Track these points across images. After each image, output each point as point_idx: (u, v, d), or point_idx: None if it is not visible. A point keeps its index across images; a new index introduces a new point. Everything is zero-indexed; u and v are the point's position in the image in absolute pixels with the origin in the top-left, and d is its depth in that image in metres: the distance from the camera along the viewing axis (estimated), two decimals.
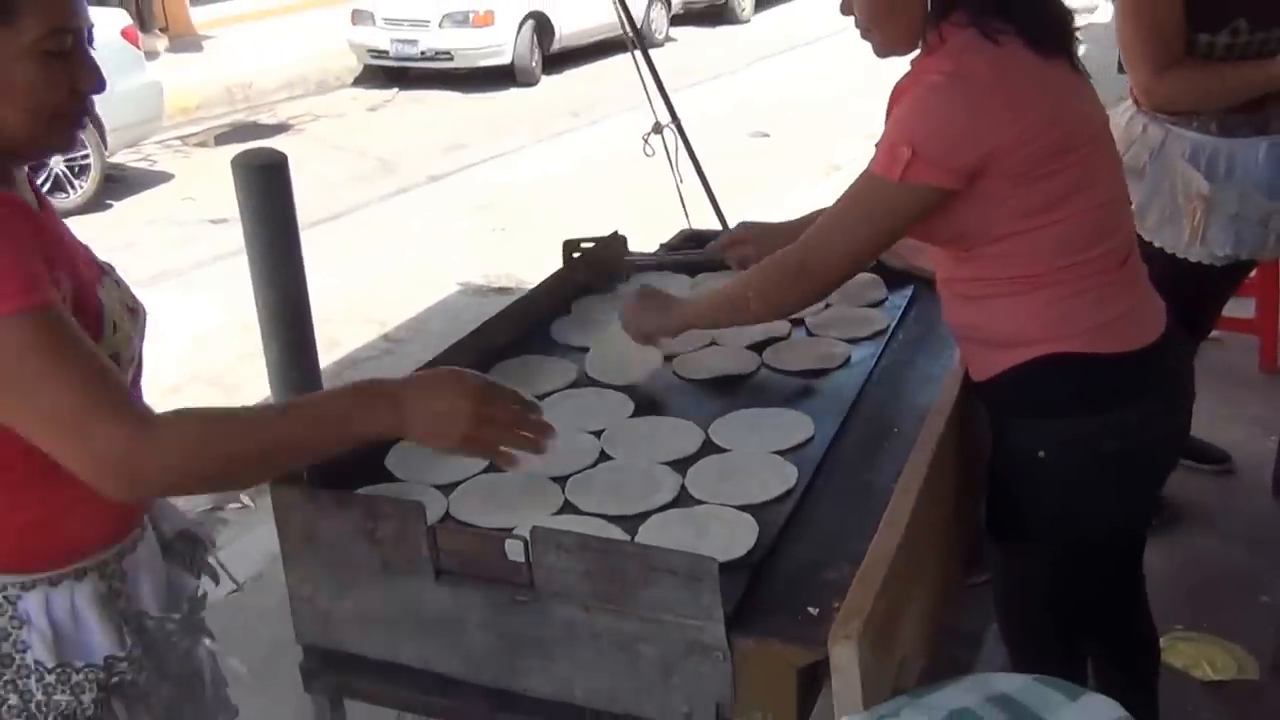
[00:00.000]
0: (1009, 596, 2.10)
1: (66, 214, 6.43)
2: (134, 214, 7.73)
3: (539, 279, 2.57)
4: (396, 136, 9.65)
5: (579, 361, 2.23)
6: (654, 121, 4.65)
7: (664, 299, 2.09)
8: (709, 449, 1.91)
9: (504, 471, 1.66)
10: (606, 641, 1.53)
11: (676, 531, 1.65)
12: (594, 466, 1.86)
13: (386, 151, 9.08)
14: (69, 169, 7.55)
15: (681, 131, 4.73)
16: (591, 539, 1.51)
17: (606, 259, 2.64)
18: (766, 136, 9.11)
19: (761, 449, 1.88)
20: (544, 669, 1.58)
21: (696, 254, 2.66)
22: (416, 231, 7.07)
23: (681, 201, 4.57)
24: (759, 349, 2.24)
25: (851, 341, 2.26)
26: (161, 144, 9.26)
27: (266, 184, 3.20)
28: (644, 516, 1.71)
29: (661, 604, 1.47)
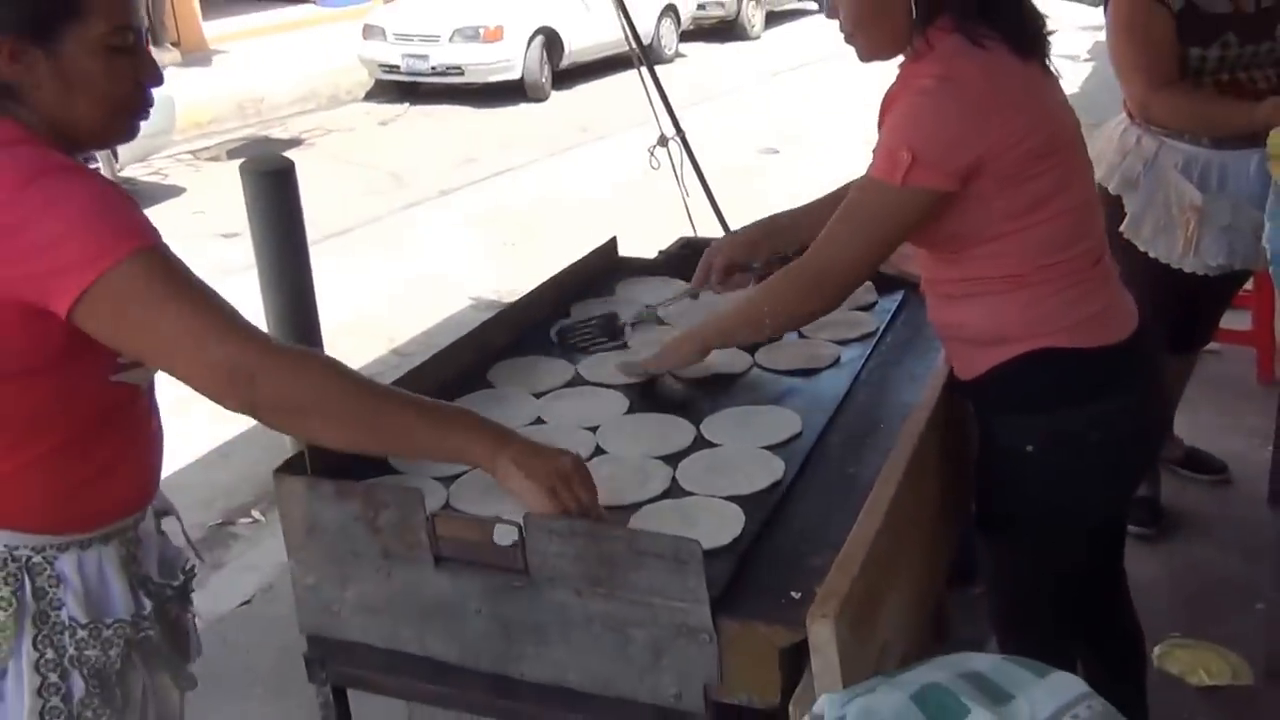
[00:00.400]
0: (1000, 592, 2.16)
1: None
2: None
3: None
4: (407, 151, 9.74)
5: (576, 362, 2.30)
6: (659, 135, 4.72)
7: (675, 339, 2.14)
8: (700, 444, 1.97)
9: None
10: (598, 625, 1.59)
11: (667, 520, 1.71)
12: (590, 460, 1.91)
13: (397, 165, 9.17)
14: None
15: (686, 145, 4.79)
16: (580, 524, 1.57)
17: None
18: (776, 153, 9.18)
19: (751, 444, 1.94)
20: (539, 654, 1.64)
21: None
22: (426, 245, 7.14)
23: (688, 214, 4.63)
24: (751, 349, 2.30)
25: (841, 343, 2.32)
26: (173, 158, 9.35)
27: (274, 190, 3.28)
28: (636, 507, 1.77)
29: (650, 587, 1.53)
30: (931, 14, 1.80)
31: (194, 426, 1.39)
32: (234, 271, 6.39)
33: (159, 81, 1.52)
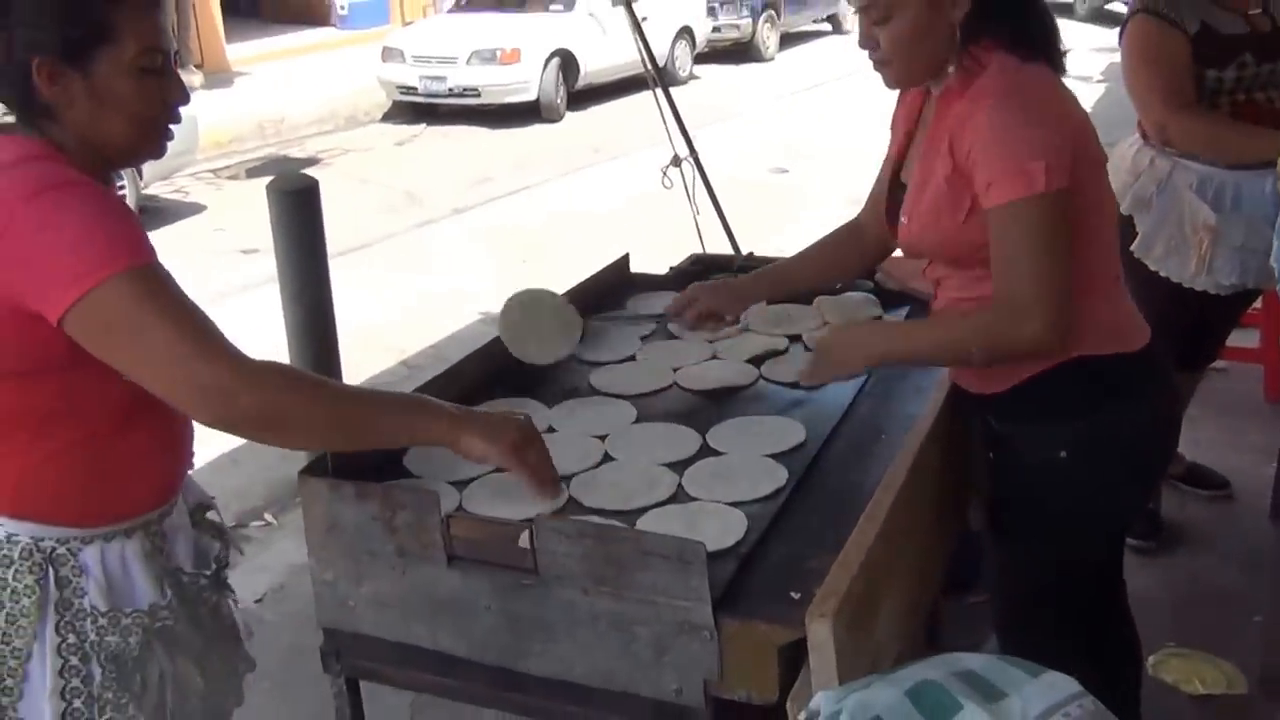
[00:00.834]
0: (1008, 598, 2.18)
1: None
2: (166, 244, 7.78)
3: None
4: (423, 170, 9.84)
5: (588, 372, 2.37)
6: (672, 155, 4.79)
7: (855, 330, 2.17)
8: (705, 452, 2.03)
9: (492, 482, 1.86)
10: (604, 622, 1.65)
11: (671, 524, 1.77)
12: (597, 467, 1.99)
13: (413, 184, 9.27)
14: None
15: (699, 165, 4.86)
16: (589, 525, 1.63)
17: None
18: (786, 172, 9.25)
19: (755, 452, 2.00)
20: (545, 650, 1.70)
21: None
22: (439, 261, 7.22)
23: (698, 232, 4.69)
24: (758, 362, 2.37)
25: None
26: (194, 176, 9.47)
27: (299, 208, 3.35)
28: (642, 511, 1.83)
29: (654, 586, 1.59)
30: (973, 36, 1.83)
31: (206, 430, 1.46)
32: (252, 286, 6.50)
33: (186, 101, 1.61)
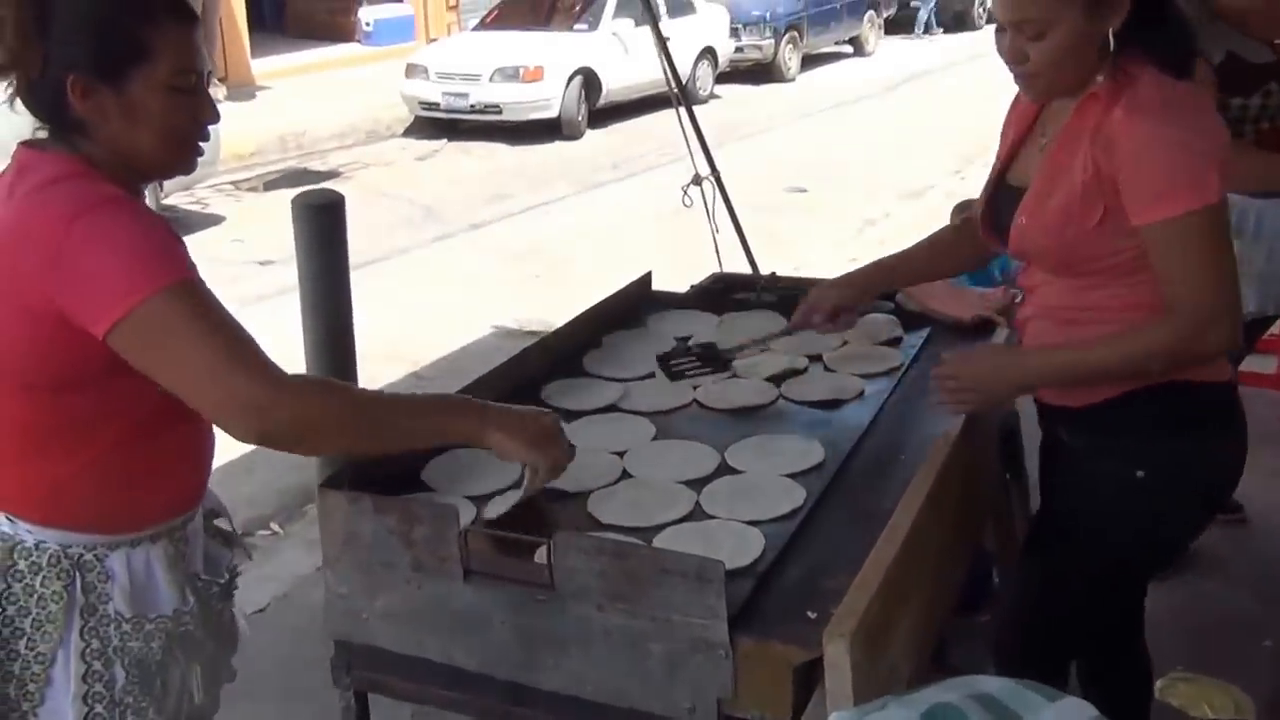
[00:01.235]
0: (1031, 619, 2.15)
1: None
2: None
3: None
4: (442, 185, 9.88)
5: (608, 389, 2.37)
6: (694, 174, 4.80)
7: (997, 357, 2.07)
8: (724, 470, 2.03)
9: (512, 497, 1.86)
10: (618, 639, 1.64)
11: (689, 542, 1.76)
12: (616, 483, 1.99)
13: (431, 199, 9.30)
14: None
15: (720, 184, 4.87)
16: (607, 541, 1.63)
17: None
18: (804, 191, 9.26)
19: (773, 471, 1.99)
20: (558, 665, 1.70)
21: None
22: (455, 276, 7.24)
23: (716, 250, 4.70)
24: (777, 381, 2.37)
25: (866, 377, 2.38)
26: (214, 188, 9.53)
27: (323, 223, 3.37)
28: (660, 528, 1.83)
29: (670, 603, 1.59)
30: (1126, 46, 1.81)
31: (220, 437, 1.49)
32: (267, 297, 6.53)
33: (216, 120, 1.63)
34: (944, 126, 11.50)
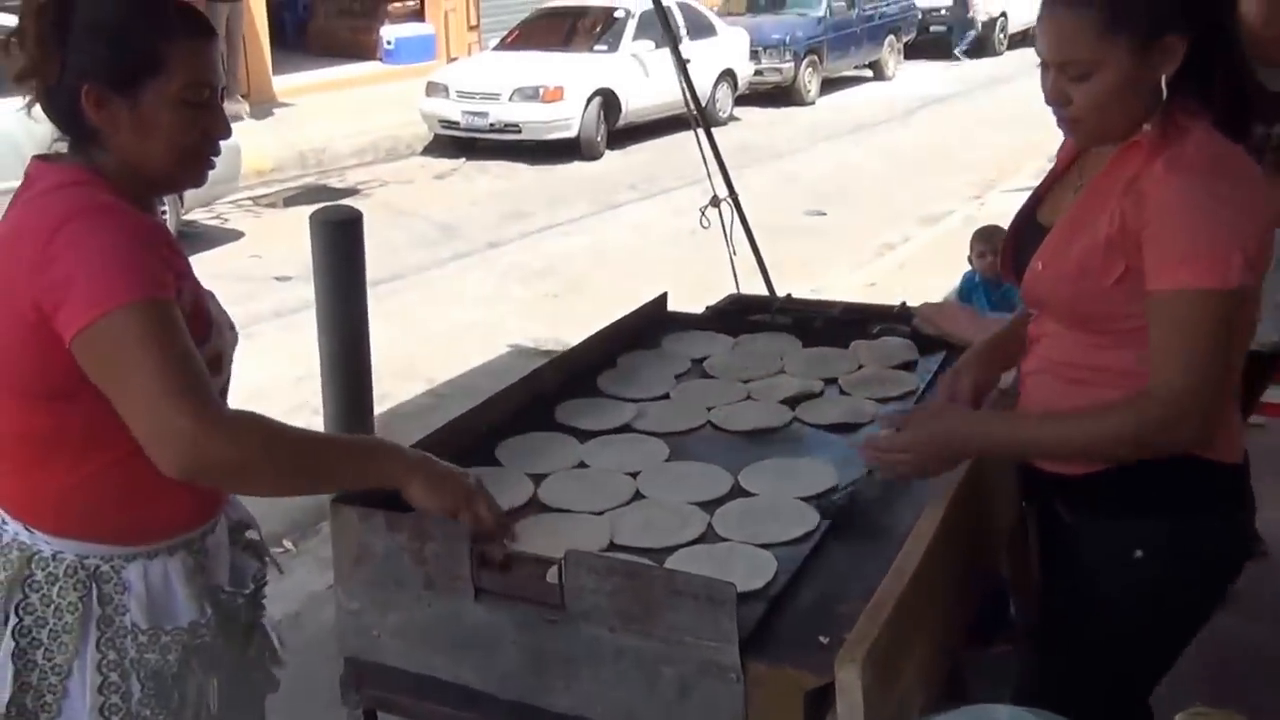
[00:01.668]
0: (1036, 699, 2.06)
1: None
2: (203, 268, 7.78)
3: None
4: (460, 204, 9.92)
5: (621, 409, 2.36)
6: (712, 195, 4.80)
7: (950, 422, 1.87)
8: (737, 493, 2.02)
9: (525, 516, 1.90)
10: (629, 661, 1.63)
11: (701, 564, 1.75)
12: (628, 504, 1.98)
13: (449, 218, 9.33)
14: None
15: (739, 206, 4.88)
16: (619, 562, 1.62)
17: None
18: (822, 215, 9.26)
19: (787, 494, 1.99)
20: (567, 686, 1.69)
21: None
22: (472, 295, 7.26)
23: (734, 272, 4.70)
24: (792, 404, 2.36)
25: (882, 400, 2.37)
26: (234, 203, 9.59)
27: (341, 240, 3.39)
28: (671, 550, 1.82)
29: (682, 626, 1.58)
30: (1180, 96, 1.68)
31: None
32: (284, 313, 6.56)
33: (228, 135, 1.64)
34: (964, 152, 11.50)
